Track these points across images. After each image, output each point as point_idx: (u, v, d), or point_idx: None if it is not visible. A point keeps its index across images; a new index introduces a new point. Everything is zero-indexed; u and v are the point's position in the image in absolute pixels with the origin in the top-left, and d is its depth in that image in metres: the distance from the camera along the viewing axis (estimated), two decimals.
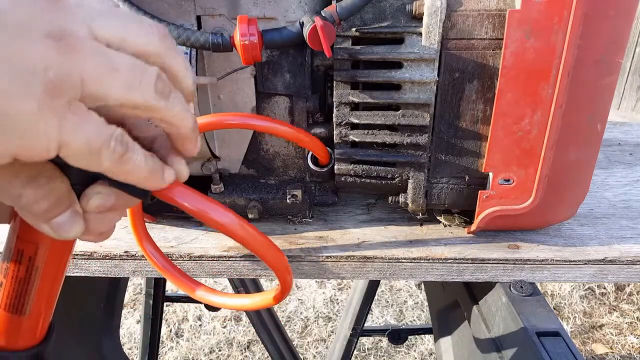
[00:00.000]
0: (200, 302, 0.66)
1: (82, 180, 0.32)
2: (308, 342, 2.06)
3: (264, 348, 1.44)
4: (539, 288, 0.67)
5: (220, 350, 2.02)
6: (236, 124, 0.62)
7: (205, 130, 0.63)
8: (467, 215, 0.74)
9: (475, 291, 0.77)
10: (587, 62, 0.55)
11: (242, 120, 0.62)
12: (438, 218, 0.75)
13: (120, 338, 1.40)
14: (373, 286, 1.30)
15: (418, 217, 0.76)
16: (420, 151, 0.64)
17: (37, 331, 0.41)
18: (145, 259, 0.66)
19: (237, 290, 1.24)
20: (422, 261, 0.68)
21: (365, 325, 1.36)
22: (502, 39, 0.55)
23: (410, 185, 0.67)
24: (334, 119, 0.64)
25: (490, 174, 0.63)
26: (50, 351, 0.42)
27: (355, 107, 0.64)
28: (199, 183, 0.79)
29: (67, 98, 0.25)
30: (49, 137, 0.25)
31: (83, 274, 0.71)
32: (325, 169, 0.70)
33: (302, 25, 0.57)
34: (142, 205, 0.65)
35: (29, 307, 0.39)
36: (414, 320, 2.15)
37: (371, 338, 2.01)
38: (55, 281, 0.40)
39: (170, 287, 1.78)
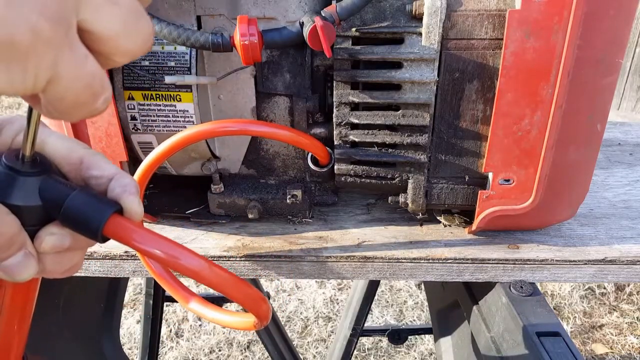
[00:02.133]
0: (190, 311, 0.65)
1: (35, 221, 0.31)
2: (308, 342, 2.06)
3: (264, 348, 1.45)
4: (539, 288, 0.67)
5: (220, 350, 2.02)
6: (234, 131, 0.62)
7: (204, 139, 0.63)
8: (467, 215, 0.74)
9: (475, 291, 0.77)
10: (587, 62, 0.55)
11: (240, 126, 0.62)
12: (438, 218, 0.75)
13: (120, 338, 1.40)
14: (373, 286, 1.30)
15: (418, 217, 0.76)
16: (420, 151, 0.64)
17: None
18: None
19: None
20: (422, 261, 0.68)
21: (365, 325, 1.36)
22: (502, 39, 0.55)
23: (410, 185, 0.67)
24: (334, 119, 0.64)
25: (490, 174, 0.63)
26: None
27: (355, 107, 0.64)
28: (199, 183, 0.79)
29: (65, 27, 0.22)
30: (39, 70, 0.22)
31: (83, 274, 0.71)
32: (325, 169, 0.70)
33: (302, 25, 0.57)
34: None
35: None
36: (414, 320, 2.15)
37: (371, 338, 2.01)
38: (22, 322, 0.38)
39: None
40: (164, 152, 0.60)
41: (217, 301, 1.64)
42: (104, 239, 0.31)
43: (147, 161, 0.61)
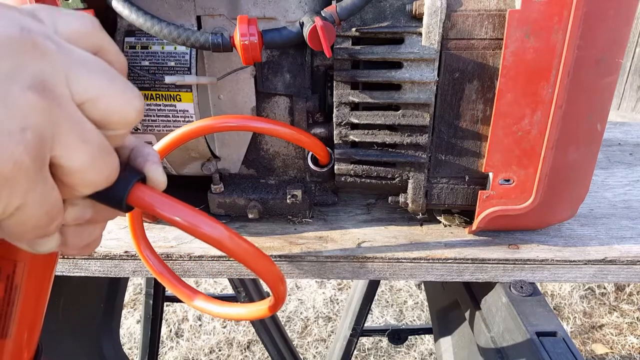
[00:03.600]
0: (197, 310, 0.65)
1: None
2: (308, 342, 2.06)
3: (264, 348, 1.44)
4: (539, 288, 0.67)
5: (220, 350, 2.02)
6: (235, 127, 0.62)
7: (204, 134, 0.63)
8: (467, 215, 0.74)
9: (475, 291, 0.77)
10: (587, 62, 0.55)
11: (241, 122, 0.62)
12: (438, 218, 0.75)
13: (120, 338, 1.40)
14: (373, 286, 1.30)
15: (418, 217, 0.76)
16: (420, 151, 0.64)
17: (23, 355, 0.39)
18: None
19: (237, 290, 1.24)
20: (422, 261, 0.68)
21: (365, 325, 1.36)
22: (502, 39, 0.55)
23: (410, 185, 0.67)
24: (334, 119, 0.64)
25: (490, 174, 0.63)
26: None
27: (355, 107, 0.64)
28: (199, 183, 0.79)
29: (42, 162, 0.24)
30: (11, 199, 0.24)
31: (83, 274, 0.71)
32: (325, 169, 0.70)
33: (302, 25, 0.57)
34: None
35: (12, 329, 0.36)
36: (414, 320, 2.15)
37: (371, 338, 2.01)
38: (39, 300, 0.38)
39: None
40: (165, 147, 0.60)
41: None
42: (128, 208, 0.31)
43: None
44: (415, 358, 1.98)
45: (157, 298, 1.32)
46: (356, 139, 0.65)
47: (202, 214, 0.33)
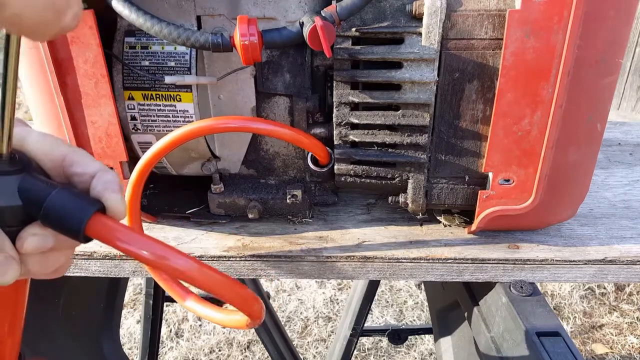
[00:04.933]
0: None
1: (15, 222, 0.30)
2: (308, 342, 2.06)
3: (264, 348, 1.44)
4: (539, 288, 0.67)
5: (220, 350, 2.02)
6: (235, 128, 0.62)
7: (204, 134, 0.63)
8: (467, 215, 0.74)
9: (475, 291, 0.77)
10: (587, 62, 0.55)
11: (240, 123, 0.62)
12: (438, 218, 0.75)
13: (120, 338, 1.40)
14: (373, 286, 1.29)
15: (418, 217, 0.76)
16: (420, 151, 0.64)
17: None
18: None
19: None
20: (422, 261, 0.68)
21: (365, 325, 1.36)
22: (502, 39, 0.55)
23: (410, 185, 0.67)
24: (334, 119, 0.64)
25: (490, 174, 0.63)
26: None
27: (355, 107, 0.64)
28: (199, 183, 0.79)
29: None
30: None
31: (83, 274, 0.71)
32: (325, 169, 0.70)
33: (302, 25, 0.57)
34: (139, 207, 0.65)
35: None
36: (414, 320, 2.15)
37: (371, 338, 2.01)
38: (14, 324, 0.37)
39: None
40: (164, 147, 0.60)
41: (217, 302, 1.64)
42: (86, 239, 0.30)
43: (147, 156, 0.61)
44: (415, 358, 1.98)
45: (157, 298, 1.32)
46: (356, 139, 0.65)
47: (166, 245, 0.32)
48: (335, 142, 0.66)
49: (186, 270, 0.32)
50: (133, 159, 0.69)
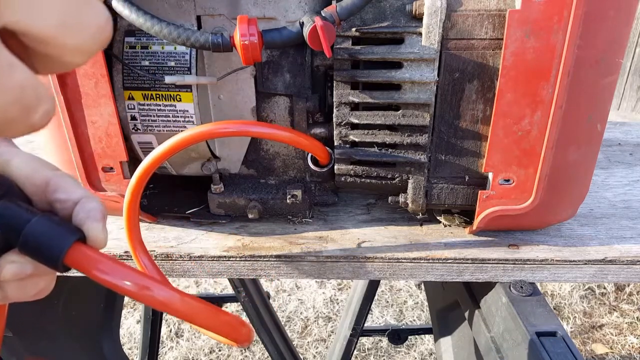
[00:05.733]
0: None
1: None
2: (308, 342, 2.06)
3: (264, 348, 1.44)
4: (539, 288, 0.67)
5: (220, 350, 2.02)
6: (234, 132, 0.62)
7: (202, 140, 0.63)
8: (467, 215, 0.74)
9: (475, 291, 0.77)
10: (587, 62, 0.55)
11: (240, 127, 0.62)
12: (438, 218, 0.75)
13: (120, 338, 1.40)
14: (373, 286, 1.29)
15: (418, 217, 0.76)
16: (420, 151, 0.64)
17: None
18: None
19: (237, 291, 1.24)
20: (422, 261, 0.68)
21: (365, 325, 1.36)
22: (502, 39, 0.55)
23: (410, 185, 0.67)
24: (334, 119, 0.64)
25: (490, 174, 0.63)
26: None
27: (355, 107, 0.64)
28: (199, 183, 0.79)
29: None
30: None
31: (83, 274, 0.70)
32: (325, 169, 0.70)
33: (302, 25, 0.57)
34: (138, 210, 0.65)
35: None
36: (414, 320, 2.15)
37: (371, 338, 2.01)
38: None
39: None
40: (163, 153, 0.60)
41: (217, 302, 1.64)
42: (65, 269, 0.30)
43: (146, 162, 0.61)
44: (415, 358, 1.97)
45: None
46: (356, 139, 0.65)
47: (147, 276, 0.31)
48: (335, 142, 0.66)
49: (168, 301, 0.31)
50: (133, 159, 0.69)
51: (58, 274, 0.33)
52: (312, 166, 0.70)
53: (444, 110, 0.62)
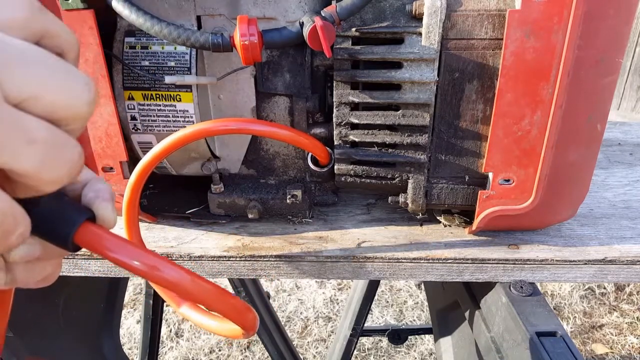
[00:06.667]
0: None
1: None
2: (308, 342, 2.06)
3: (264, 348, 1.44)
4: (539, 288, 0.67)
5: (220, 350, 2.02)
6: (234, 130, 0.62)
7: (203, 137, 0.63)
8: (467, 215, 0.74)
9: (475, 291, 0.77)
10: (587, 62, 0.55)
11: (239, 125, 0.62)
12: (438, 218, 0.75)
13: (120, 338, 1.40)
14: (373, 286, 1.30)
15: (418, 217, 0.76)
16: (420, 151, 0.64)
17: None
18: None
19: (237, 291, 1.24)
20: (422, 261, 0.68)
21: (365, 325, 1.36)
22: (502, 39, 0.55)
23: (410, 185, 0.67)
24: (334, 119, 0.64)
25: (490, 174, 0.63)
26: None
27: (355, 107, 0.64)
28: (199, 183, 0.79)
29: None
30: None
31: (83, 274, 0.71)
32: (325, 169, 0.70)
33: (302, 25, 0.57)
34: (138, 208, 0.65)
35: None
36: (414, 320, 2.15)
37: (371, 338, 2.01)
38: None
39: None
40: (163, 150, 0.60)
41: None
42: (75, 248, 0.29)
43: (146, 159, 0.61)
44: (415, 358, 1.97)
45: (157, 298, 1.32)
46: (356, 139, 0.65)
47: (157, 256, 0.31)
48: (335, 142, 0.66)
49: (178, 281, 0.31)
50: (133, 159, 0.69)
51: (64, 261, 0.33)
52: (312, 166, 0.70)
53: (444, 110, 0.62)
